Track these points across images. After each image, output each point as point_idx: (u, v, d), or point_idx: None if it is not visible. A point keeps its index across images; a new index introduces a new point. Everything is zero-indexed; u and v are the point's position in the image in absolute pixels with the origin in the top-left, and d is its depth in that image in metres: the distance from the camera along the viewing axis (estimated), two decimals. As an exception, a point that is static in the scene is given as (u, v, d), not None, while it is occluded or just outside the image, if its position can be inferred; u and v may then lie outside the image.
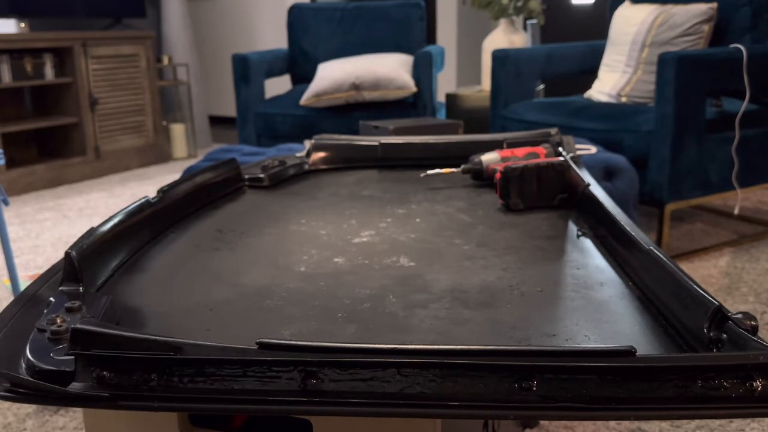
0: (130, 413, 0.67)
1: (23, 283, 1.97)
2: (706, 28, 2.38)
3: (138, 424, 0.68)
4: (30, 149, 3.79)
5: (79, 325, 0.52)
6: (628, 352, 0.45)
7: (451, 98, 3.49)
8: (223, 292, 0.70)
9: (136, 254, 0.81)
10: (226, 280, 0.73)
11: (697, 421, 1.34)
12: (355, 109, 2.92)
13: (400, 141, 1.28)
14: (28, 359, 0.50)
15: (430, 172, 1.11)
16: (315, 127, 2.87)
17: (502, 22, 3.40)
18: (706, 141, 2.14)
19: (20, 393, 0.48)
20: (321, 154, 1.25)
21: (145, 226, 0.85)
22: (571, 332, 0.59)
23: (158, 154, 4.18)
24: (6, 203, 1.70)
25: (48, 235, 2.76)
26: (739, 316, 0.50)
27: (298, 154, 1.26)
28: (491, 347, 0.48)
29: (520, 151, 1.13)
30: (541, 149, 1.13)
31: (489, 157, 1.11)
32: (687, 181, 2.15)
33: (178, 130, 4.36)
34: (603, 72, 2.65)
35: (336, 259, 0.79)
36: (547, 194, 0.98)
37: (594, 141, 2.21)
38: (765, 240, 2.42)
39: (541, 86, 3.09)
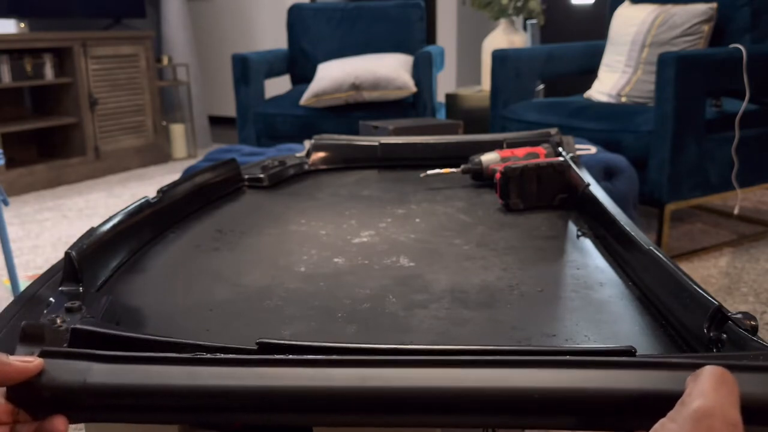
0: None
1: (23, 283, 1.97)
2: (706, 28, 2.38)
3: (138, 425, 0.68)
4: (30, 149, 3.79)
5: (79, 325, 0.52)
6: (628, 352, 0.45)
7: (451, 98, 3.49)
8: (223, 292, 0.70)
9: (136, 254, 0.81)
10: (226, 280, 0.73)
11: (697, 421, 1.34)
12: (355, 109, 2.92)
13: (400, 141, 1.28)
14: (28, 359, 0.50)
15: (430, 172, 1.11)
16: (315, 127, 2.87)
17: (502, 22, 3.40)
18: (705, 141, 2.14)
19: (20, 393, 0.48)
20: (321, 154, 1.25)
21: (145, 226, 0.84)
22: (571, 332, 0.59)
23: (158, 154, 4.18)
24: (6, 203, 1.70)
25: (48, 235, 2.76)
26: (739, 316, 0.50)
27: (298, 154, 1.26)
28: (491, 347, 0.48)
29: (520, 151, 1.13)
30: (541, 149, 1.13)
31: (489, 157, 1.10)
32: (687, 181, 2.15)
33: (177, 130, 4.36)
34: (603, 72, 2.65)
35: (336, 259, 0.79)
36: (547, 194, 0.98)
37: (594, 141, 2.21)
38: (765, 240, 2.42)
39: (541, 86, 3.09)
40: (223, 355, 0.46)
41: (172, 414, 0.45)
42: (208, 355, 0.46)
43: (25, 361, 0.44)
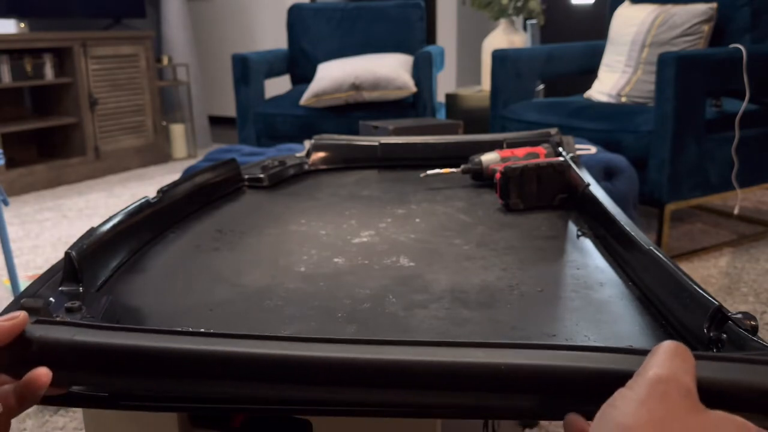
0: (130, 413, 0.67)
1: (23, 283, 1.97)
2: (706, 28, 2.38)
3: (138, 425, 0.68)
4: (30, 149, 3.79)
5: (79, 326, 0.52)
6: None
7: (451, 98, 3.49)
8: (223, 292, 0.70)
9: (136, 254, 0.81)
10: (226, 280, 0.73)
11: (697, 421, 1.34)
12: (355, 109, 2.92)
13: (400, 141, 1.28)
14: (28, 359, 0.50)
15: (430, 172, 1.11)
16: (315, 127, 2.87)
17: (502, 22, 3.40)
18: (705, 141, 2.14)
19: (20, 393, 0.48)
20: (321, 154, 1.25)
21: (145, 226, 0.84)
22: (571, 332, 0.59)
23: (158, 154, 4.18)
24: (6, 203, 1.70)
25: (48, 235, 2.76)
26: (739, 316, 0.50)
27: (298, 154, 1.26)
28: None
29: (520, 151, 1.13)
30: (541, 149, 1.13)
31: (489, 157, 1.10)
32: (687, 181, 2.15)
33: (177, 130, 4.36)
34: (603, 72, 2.65)
35: (336, 259, 0.79)
36: (547, 194, 0.98)
37: (594, 141, 2.21)
38: (765, 240, 2.42)
39: (541, 86, 3.09)
40: (208, 330, 0.47)
41: (160, 380, 0.45)
42: (191, 328, 0.47)
43: (11, 318, 0.45)
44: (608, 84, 2.56)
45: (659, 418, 0.31)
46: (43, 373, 0.44)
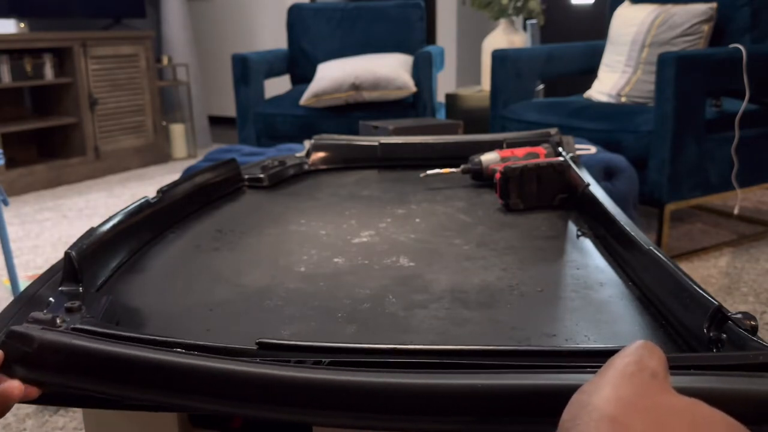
0: (130, 413, 0.67)
1: (23, 283, 1.96)
2: (705, 28, 2.38)
3: (138, 425, 0.68)
4: (30, 149, 3.79)
5: (79, 326, 0.52)
6: (628, 352, 0.45)
7: (451, 98, 3.49)
8: (223, 292, 0.70)
9: (136, 254, 0.81)
10: (226, 280, 0.73)
11: (697, 421, 1.34)
12: (355, 109, 2.92)
13: (400, 141, 1.28)
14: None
15: (429, 172, 1.11)
16: (315, 127, 2.87)
17: (502, 22, 3.39)
18: (705, 141, 2.14)
19: (20, 393, 0.48)
20: (321, 154, 1.25)
21: (145, 226, 0.84)
22: (571, 332, 0.59)
23: (158, 154, 4.18)
24: (6, 203, 1.70)
25: (48, 235, 2.76)
26: (739, 316, 0.50)
27: (297, 154, 1.26)
28: (491, 347, 0.48)
29: (520, 151, 1.13)
30: (540, 149, 1.13)
31: (489, 157, 1.11)
32: (687, 181, 2.15)
33: (177, 130, 4.36)
34: (603, 72, 2.65)
35: (336, 259, 0.79)
36: (546, 194, 0.98)
37: (594, 141, 2.21)
38: (765, 240, 2.42)
39: (541, 86, 3.09)
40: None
41: (158, 392, 0.46)
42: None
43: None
44: (608, 84, 2.56)
45: (627, 396, 0.31)
46: (15, 386, 0.46)
